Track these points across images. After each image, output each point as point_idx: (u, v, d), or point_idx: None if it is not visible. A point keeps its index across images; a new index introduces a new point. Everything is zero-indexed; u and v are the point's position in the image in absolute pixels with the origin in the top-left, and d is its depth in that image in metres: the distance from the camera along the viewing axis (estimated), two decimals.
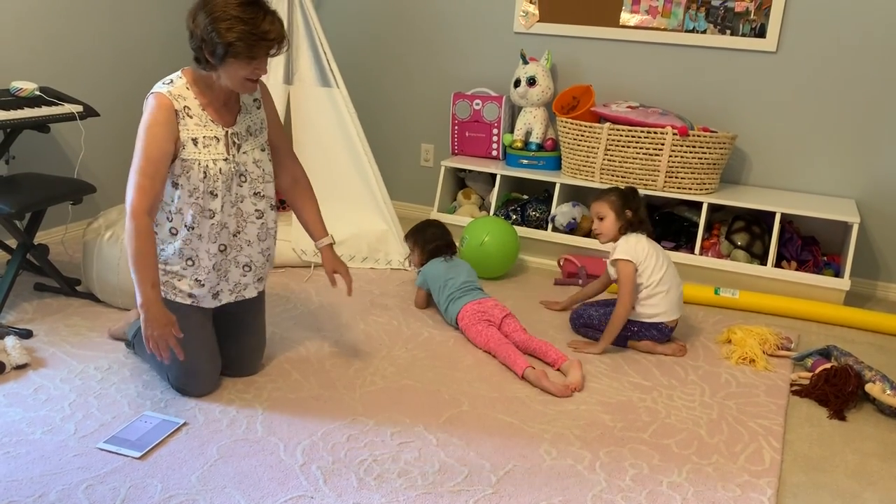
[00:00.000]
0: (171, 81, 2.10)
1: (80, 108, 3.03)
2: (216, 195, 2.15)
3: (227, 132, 2.18)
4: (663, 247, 3.47)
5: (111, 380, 2.39)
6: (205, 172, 2.12)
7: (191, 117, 2.11)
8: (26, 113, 2.85)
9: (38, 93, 3.00)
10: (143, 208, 2.02)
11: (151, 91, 2.10)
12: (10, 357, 2.41)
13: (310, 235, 2.48)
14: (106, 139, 3.76)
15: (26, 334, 2.63)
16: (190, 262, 2.20)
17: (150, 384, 2.37)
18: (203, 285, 2.23)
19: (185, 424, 2.15)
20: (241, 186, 2.22)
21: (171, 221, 2.17)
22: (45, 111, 2.92)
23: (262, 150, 2.29)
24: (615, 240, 2.76)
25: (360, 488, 1.91)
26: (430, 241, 3.09)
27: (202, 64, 2.06)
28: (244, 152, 2.22)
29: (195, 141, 2.12)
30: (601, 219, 2.77)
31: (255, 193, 2.26)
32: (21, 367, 2.42)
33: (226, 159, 2.16)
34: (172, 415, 2.20)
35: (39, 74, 3.34)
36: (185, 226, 2.15)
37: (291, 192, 2.46)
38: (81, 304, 2.93)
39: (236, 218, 2.24)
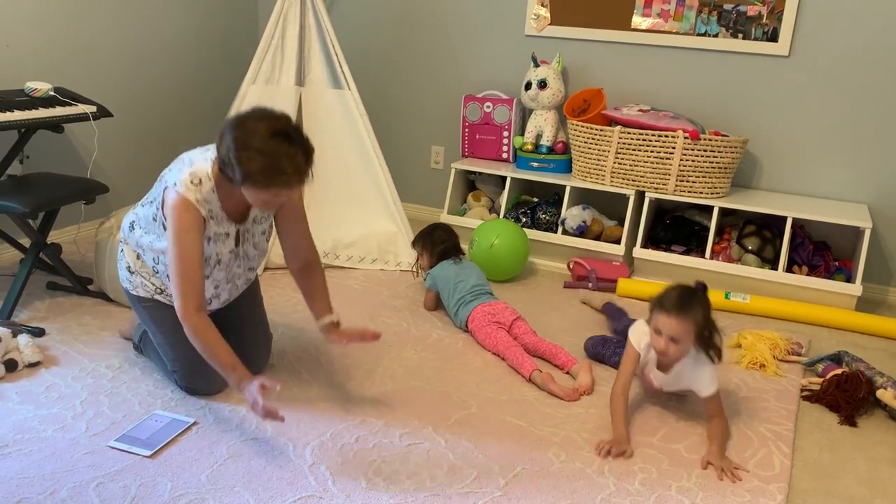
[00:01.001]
0: (200, 182, 2.04)
1: (93, 109, 3.05)
2: (210, 276, 2.20)
3: (238, 229, 2.21)
4: (673, 251, 3.48)
5: (122, 378, 2.40)
6: (208, 261, 2.17)
7: (213, 220, 2.12)
8: (40, 113, 2.87)
9: (52, 93, 3.03)
10: (192, 308, 2.04)
11: (178, 189, 2.03)
12: (22, 355, 2.43)
13: (313, 313, 2.32)
14: (119, 139, 3.78)
15: (39, 332, 2.65)
16: None
17: (160, 383, 2.38)
18: None
19: (195, 423, 2.17)
20: (239, 267, 2.29)
21: (157, 274, 2.24)
22: (58, 111, 2.94)
23: (263, 233, 2.33)
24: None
25: (369, 489, 1.92)
26: (437, 243, 3.10)
27: (226, 176, 2.03)
28: (248, 241, 2.27)
29: (209, 238, 2.14)
30: (676, 341, 2.15)
31: (249, 268, 2.36)
32: (33, 365, 2.44)
33: (232, 251, 2.22)
34: (182, 414, 2.21)
35: (54, 75, 3.37)
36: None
37: (302, 274, 2.35)
38: (93, 304, 2.95)
39: (227, 281, 2.29)
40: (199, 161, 2.10)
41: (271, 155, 1.90)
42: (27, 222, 2.79)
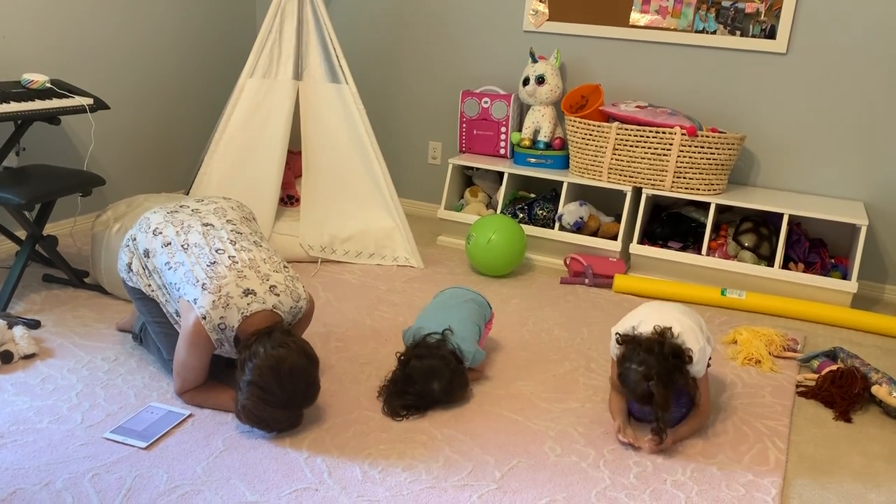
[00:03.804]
0: (224, 328, 2.10)
1: (90, 101, 3.04)
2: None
3: None
4: (670, 247, 3.48)
5: (118, 371, 2.40)
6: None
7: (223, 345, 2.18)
8: (37, 105, 2.86)
9: (49, 85, 3.02)
10: (186, 390, 2.23)
11: (204, 314, 2.08)
12: (18, 347, 2.43)
13: None
14: (116, 132, 3.78)
15: (34, 325, 2.64)
16: None
17: (156, 376, 2.38)
18: None
19: (190, 416, 2.16)
20: None
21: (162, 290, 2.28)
22: (55, 103, 2.93)
23: None
24: None
25: (365, 481, 1.92)
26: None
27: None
28: None
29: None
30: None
31: None
32: (29, 357, 2.44)
33: None
34: (178, 406, 2.21)
35: (50, 67, 3.36)
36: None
37: None
38: (89, 296, 2.94)
39: None
40: (209, 300, 2.10)
41: (269, 422, 2.06)
42: (23, 214, 2.78)
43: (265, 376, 1.98)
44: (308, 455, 2.01)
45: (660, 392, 2.03)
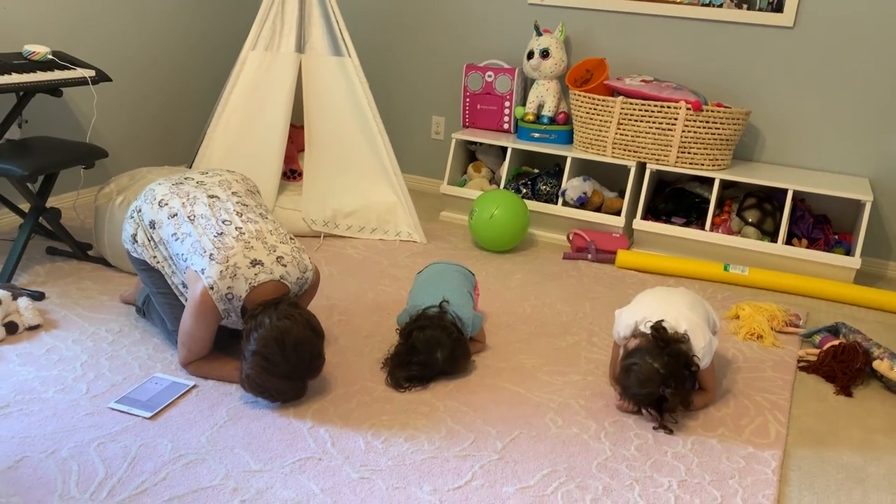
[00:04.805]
0: (231, 298, 2.11)
1: (92, 73, 3.03)
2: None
3: None
4: (673, 223, 3.48)
5: (122, 342, 2.41)
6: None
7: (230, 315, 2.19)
8: (39, 76, 2.85)
9: (50, 56, 3.00)
10: (191, 361, 2.24)
11: (212, 285, 2.08)
12: (22, 318, 2.44)
13: None
14: (118, 104, 3.76)
15: (39, 296, 2.65)
16: None
17: (160, 347, 2.39)
18: None
19: (194, 387, 2.18)
20: None
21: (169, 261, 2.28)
22: (57, 75, 2.92)
23: None
24: None
25: (368, 451, 1.94)
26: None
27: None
28: None
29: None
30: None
31: None
32: (33, 328, 2.45)
33: None
34: (183, 377, 2.22)
35: (52, 38, 3.34)
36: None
37: None
38: (93, 269, 2.95)
39: None
40: (216, 270, 2.10)
41: (272, 389, 2.06)
42: (26, 186, 2.78)
43: (269, 347, 1.99)
44: (311, 425, 2.03)
45: (673, 399, 2.06)
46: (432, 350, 2.24)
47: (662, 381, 2.04)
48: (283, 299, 2.10)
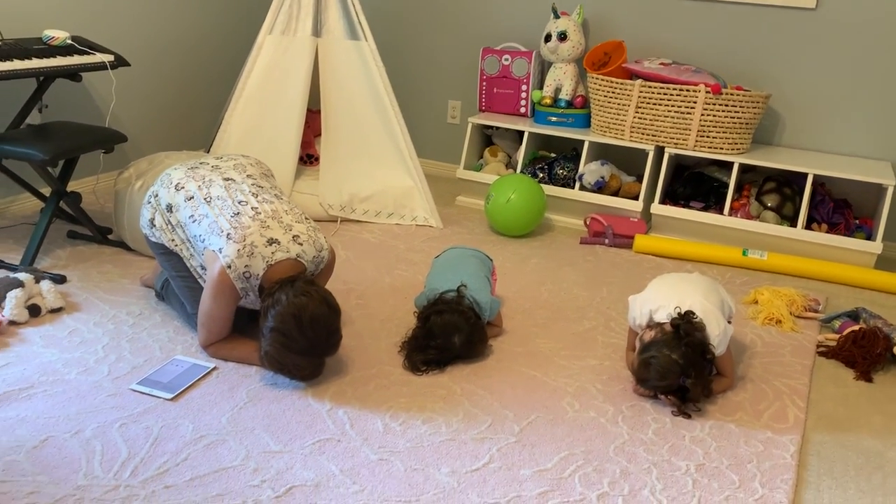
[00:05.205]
0: (249, 277, 2.13)
1: (111, 58, 3.04)
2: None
3: None
4: (692, 208, 3.45)
5: (143, 325, 2.44)
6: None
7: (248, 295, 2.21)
8: (58, 61, 2.87)
9: (69, 41, 3.02)
10: (211, 342, 2.26)
11: (229, 263, 2.11)
12: (45, 301, 2.47)
13: None
14: (136, 89, 3.78)
15: (60, 279, 2.68)
16: None
17: (180, 330, 2.41)
18: None
19: (214, 369, 2.20)
20: None
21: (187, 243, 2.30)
22: (76, 60, 2.94)
23: None
24: None
25: (386, 433, 1.95)
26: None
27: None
28: None
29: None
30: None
31: None
32: (56, 311, 2.48)
33: None
34: (203, 359, 2.24)
35: (71, 23, 3.36)
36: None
37: None
38: (113, 252, 2.98)
39: None
40: (234, 248, 2.13)
41: (290, 368, 2.09)
42: (47, 170, 2.81)
43: (287, 323, 2.01)
44: (330, 407, 2.05)
45: (695, 389, 2.06)
46: (450, 334, 2.24)
47: (682, 372, 2.04)
48: (299, 277, 2.12)
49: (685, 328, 2.08)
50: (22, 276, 2.49)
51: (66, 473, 1.74)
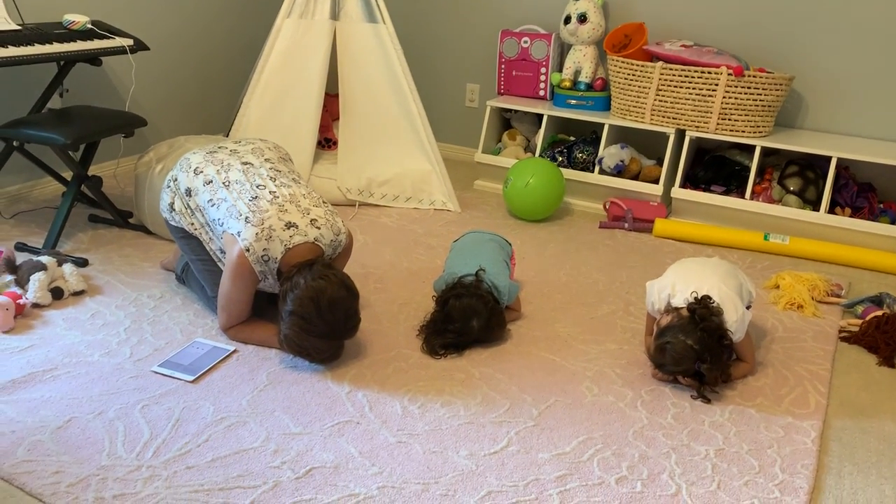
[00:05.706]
0: (268, 260, 2.14)
1: (130, 42, 3.05)
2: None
3: None
4: (713, 192, 3.42)
5: (164, 308, 2.46)
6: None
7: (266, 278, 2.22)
8: (79, 46, 2.88)
9: (90, 26, 3.03)
10: (231, 325, 2.28)
11: (248, 247, 2.12)
12: (67, 283, 2.50)
13: None
14: (156, 73, 3.79)
15: (82, 263, 2.71)
16: None
17: (201, 313, 2.43)
18: None
19: (235, 351, 2.22)
20: None
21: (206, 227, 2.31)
22: (96, 44, 2.95)
23: None
24: None
25: (405, 416, 1.96)
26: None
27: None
28: None
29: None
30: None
31: None
32: (78, 294, 2.51)
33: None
34: (223, 342, 2.26)
35: (91, 8, 3.37)
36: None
37: None
38: (134, 236, 3.01)
39: None
40: (252, 232, 2.14)
41: (309, 351, 2.11)
42: (69, 154, 2.83)
43: (306, 306, 2.02)
44: (349, 390, 2.06)
45: (711, 374, 2.05)
46: (468, 318, 2.24)
47: (698, 357, 2.03)
48: (317, 260, 2.13)
49: (701, 313, 2.06)
50: (45, 259, 2.52)
51: (89, 454, 1.77)
